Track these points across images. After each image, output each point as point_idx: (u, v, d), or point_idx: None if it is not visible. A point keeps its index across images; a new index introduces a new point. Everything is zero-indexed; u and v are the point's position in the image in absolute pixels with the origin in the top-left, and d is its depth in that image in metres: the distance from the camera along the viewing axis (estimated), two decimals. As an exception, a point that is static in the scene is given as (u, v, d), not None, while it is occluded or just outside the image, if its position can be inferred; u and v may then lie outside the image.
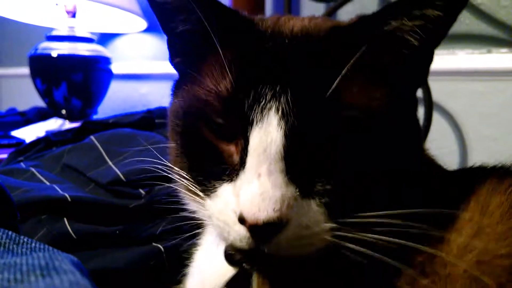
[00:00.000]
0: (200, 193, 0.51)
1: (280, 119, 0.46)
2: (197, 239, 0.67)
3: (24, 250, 0.43)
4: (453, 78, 1.37)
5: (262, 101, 0.47)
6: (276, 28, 0.54)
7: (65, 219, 0.85)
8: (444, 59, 1.35)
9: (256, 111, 0.47)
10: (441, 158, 0.62)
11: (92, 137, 1.05)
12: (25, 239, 0.46)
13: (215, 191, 0.49)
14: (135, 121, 1.16)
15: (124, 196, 0.90)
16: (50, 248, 0.46)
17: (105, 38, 2.22)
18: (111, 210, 0.87)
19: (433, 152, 0.62)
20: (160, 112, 1.24)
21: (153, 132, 1.10)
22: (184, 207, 0.59)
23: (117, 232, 0.85)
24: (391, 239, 0.44)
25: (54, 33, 1.86)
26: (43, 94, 1.89)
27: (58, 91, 1.86)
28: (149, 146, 0.64)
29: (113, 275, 0.81)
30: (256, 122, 0.47)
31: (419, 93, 1.24)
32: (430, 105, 1.26)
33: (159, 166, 0.58)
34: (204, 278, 0.62)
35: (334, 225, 0.46)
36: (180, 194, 0.59)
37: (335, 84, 0.46)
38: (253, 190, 0.44)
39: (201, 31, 0.54)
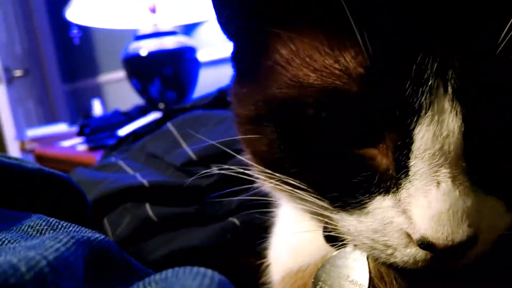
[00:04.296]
0: (328, 206, 0.41)
1: (453, 101, 0.34)
2: (273, 211, 0.64)
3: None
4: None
5: (427, 79, 0.33)
6: None
7: (147, 204, 0.89)
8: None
9: (422, 94, 0.34)
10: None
11: (168, 124, 1.08)
12: (64, 224, 0.47)
13: (364, 208, 0.38)
14: (209, 102, 1.17)
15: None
16: (81, 228, 0.47)
17: (188, 29, 2.28)
18: (187, 190, 0.89)
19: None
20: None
21: (226, 110, 1.10)
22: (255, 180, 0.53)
23: (194, 211, 0.87)
24: None
25: (140, 32, 1.96)
26: (141, 92, 2.01)
27: (153, 87, 1.96)
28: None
29: (195, 253, 0.83)
30: (424, 110, 0.34)
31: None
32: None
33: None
34: (295, 252, 0.55)
35: None
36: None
37: (505, 30, 0.32)
38: (436, 206, 0.34)
39: None
